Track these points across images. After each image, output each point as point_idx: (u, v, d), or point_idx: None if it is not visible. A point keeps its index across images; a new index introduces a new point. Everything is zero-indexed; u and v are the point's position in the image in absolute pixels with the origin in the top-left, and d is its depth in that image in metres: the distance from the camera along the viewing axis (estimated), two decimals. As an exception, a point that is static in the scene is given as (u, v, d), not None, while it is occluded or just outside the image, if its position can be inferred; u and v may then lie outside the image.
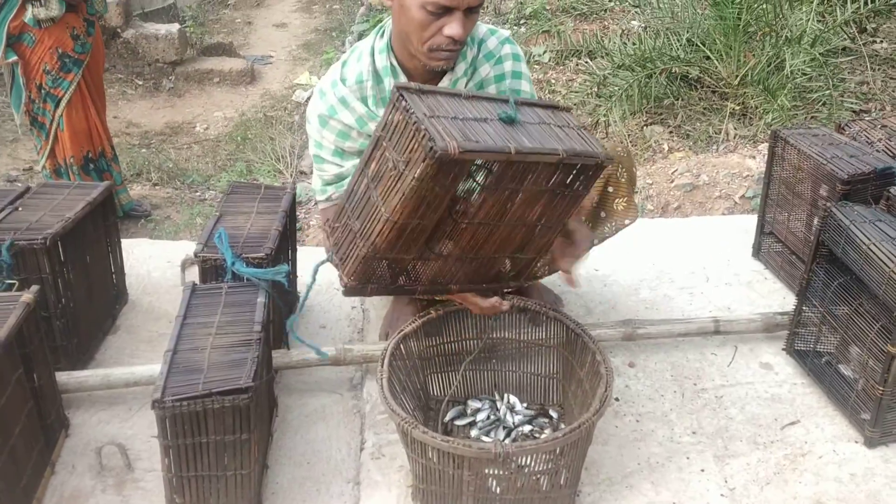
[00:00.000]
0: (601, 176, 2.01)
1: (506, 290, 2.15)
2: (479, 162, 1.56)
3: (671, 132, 5.09)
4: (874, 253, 1.84)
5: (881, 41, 6.04)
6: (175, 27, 6.77)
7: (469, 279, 1.78)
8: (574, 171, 1.61)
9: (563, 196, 1.65)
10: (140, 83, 6.58)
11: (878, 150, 2.32)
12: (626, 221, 2.13)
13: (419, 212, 1.51)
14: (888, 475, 1.86)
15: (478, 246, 1.68)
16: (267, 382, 1.92)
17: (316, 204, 2.19)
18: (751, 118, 5.10)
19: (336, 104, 1.97)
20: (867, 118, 2.63)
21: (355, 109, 1.95)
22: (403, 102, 1.46)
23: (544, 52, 6.13)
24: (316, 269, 1.76)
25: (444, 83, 1.96)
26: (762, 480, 1.85)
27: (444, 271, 1.72)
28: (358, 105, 1.95)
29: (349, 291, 1.66)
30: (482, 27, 2.04)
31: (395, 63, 1.94)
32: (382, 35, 1.97)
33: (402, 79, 1.94)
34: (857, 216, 1.97)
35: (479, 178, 1.58)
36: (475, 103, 1.57)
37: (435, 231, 1.61)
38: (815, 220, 2.09)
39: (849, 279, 1.98)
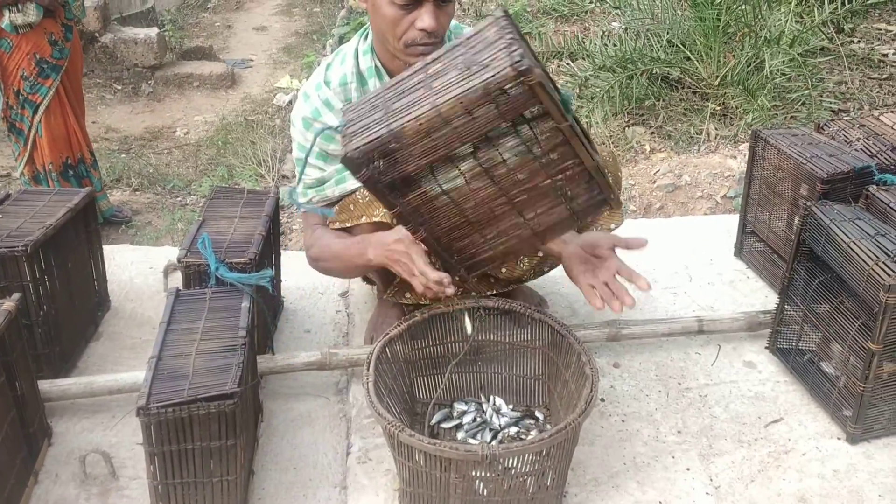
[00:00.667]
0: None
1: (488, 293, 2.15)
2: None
3: (653, 133, 5.12)
4: (854, 251, 1.86)
5: (858, 41, 6.10)
6: (154, 31, 6.73)
7: (438, 235, 1.72)
8: (586, 187, 1.63)
9: (571, 212, 1.67)
10: (119, 88, 6.54)
11: (856, 150, 2.34)
12: (612, 226, 2.14)
13: (462, 121, 1.47)
14: (870, 471, 1.88)
15: (469, 204, 1.64)
16: (252, 388, 1.91)
17: (298, 208, 2.18)
18: (731, 118, 5.14)
19: (320, 107, 1.97)
20: (846, 118, 2.65)
21: (340, 112, 1.95)
22: (504, 21, 1.46)
23: (525, 53, 6.14)
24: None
25: None
26: (747, 478, 1.87)
27: (424, 212, 1.66)
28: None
29: (347, 161, 1.55)
30: (467, 30, 2.04)
31: (378, 65, 1.94)
32: (366, 37, 1.97)
33: (386, 80, 1.95)
34: (836, 215, 1.99)
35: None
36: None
37: (448, 161, 1.56)
38: (796, 220, 2.11)
39: (829, 277, 2.00)
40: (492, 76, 1.40)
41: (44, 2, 3.67)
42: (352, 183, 1.98)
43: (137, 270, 2.68)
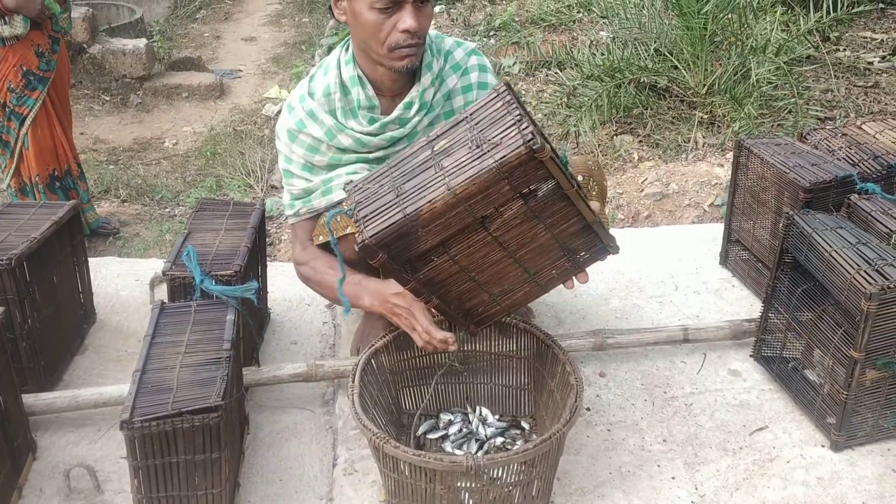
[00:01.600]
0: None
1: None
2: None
3: (641, 141, 5.14)
4: (836, 260, 1.87)
5: (844, 49, 6.15)
6: (142, 42, 6.72)
7: (449, 300, 1.78)
8: (586, 243, 1.69)
9: (565, 262, 1.72)
10: (107, 99, 6.52)
11: (839, 159, 2.36)
12: None
13: (476, 198, 1.52)
14: (854, 478, 1.89)
15: (482, 268, 1.70)
16: (237, 400, 1.91)
17: (286, 219, 2.18)
18: (719, 126, 5.16)
19: (305, 118, 1.98)
20: (829, 127, 2.67)
21: (324, 122, 1.97)
22: (509, 96, 1.51)
23: (514, 63, 6.17)
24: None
25: (413, 93, 1.98)
26: (731, 486, 1.87)
27: (438, 279, 1.71)
28: (326, 117, 1.97)
29: (364, 249, 1.59)
30: (448, 40, 2.06)
31: (360, 74, 1.96)
32: (347, 48, 1.99)
33: (369, 89, 1.97)
34: (818, 224, 2.01)
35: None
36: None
37: (458, 234, 1.60)
38: (780, 228, 2.12)
39: (812, 286, 2.02)
40: (505, 156, 1.44)
41: (31, 14, 3.66)
42: (338, 194, 1.99)
43: (123, 283, 2.67)
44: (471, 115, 1.56)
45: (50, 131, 3.91)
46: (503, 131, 1.47)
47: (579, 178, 2.06)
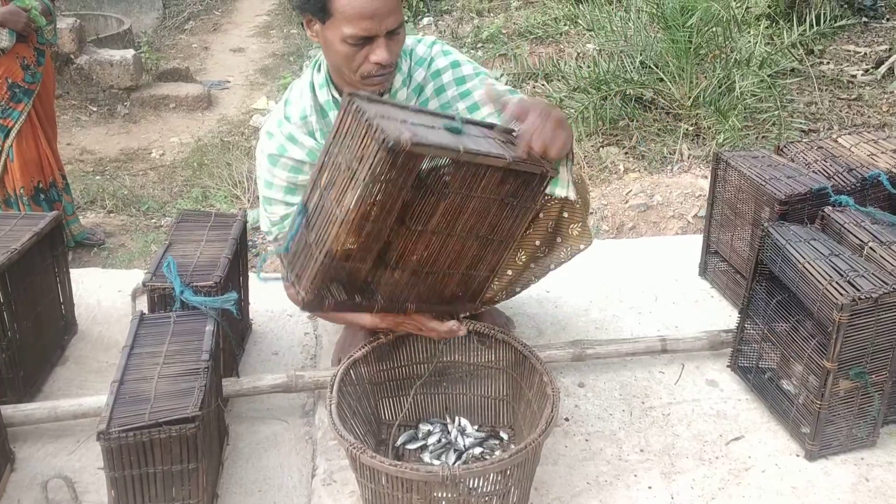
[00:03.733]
0: (556, 201, 2.06)
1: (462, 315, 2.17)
2: (426, 164, 1.57)
3: (626, 153, 5.17)
4: (808, 271, 1.90)
5: (828, 62, 6.22)
6: (130, 53, 6.73)
7: (425, 298, 1.78)
8: (521, 182, 1.63)
9: (513, 207, 1.68)
10: (94, 109, 6.53)
11: (814, 172, 2.39)
12: (581, 246, 2.16)
13: (373, 213, 1.52)
14: (828, 487, 1.91)
15: (431, 259, 1.69)
16: (216, 411, 1.91)
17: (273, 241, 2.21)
18: (704, 138, 5.20)
19: (285, 142, 2.00)
20: (805, 140, 2.70)
21: (304, 144, 1.98)
22: (354, 105, 1.49)
23: (501, 74, 6.20)
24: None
25: (384, 95, 1.99)
26: (707, 496, 1.89)
27: (400, 288, 1.72)
28: (306, 139, 1.98)
29: (307, 306, 1.64)
30: (409, 39, 2.08)
31: (336, 96, 1.97)
32: (319, 69, 2.00)
33: None
34: (792, 235, 2.03)
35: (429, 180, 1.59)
36: (422, 115, 1.60)
37: (389, 244, 1.61)
38: (755, 240, 2.15)
39: (787, 297, 2.04)
40: (371, 166, 1.44)
41: (17, 27, 3.67)
42: None
43: (105, 294, 2.67)
44: (333, 138, 1.55)
45: (35, 143, 3.92)
46: (361, 143, 1.46)
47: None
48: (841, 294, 1.80)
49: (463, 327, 1.89)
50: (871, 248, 1.99)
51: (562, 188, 1.94)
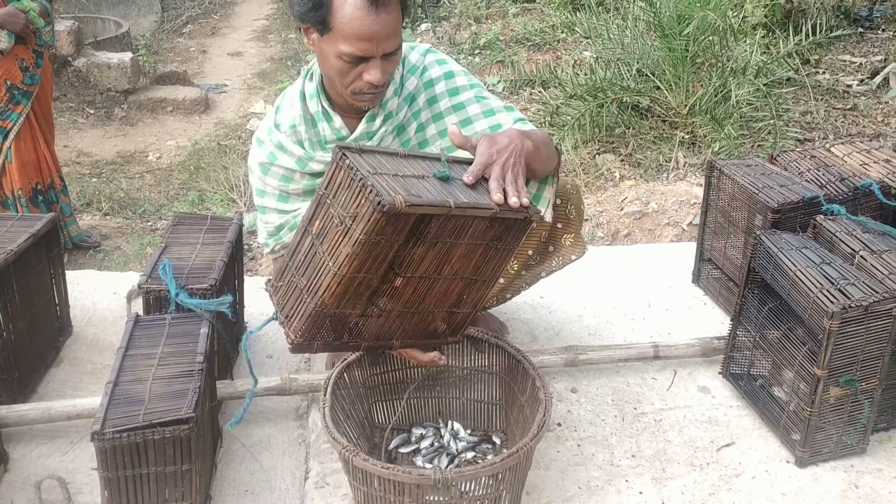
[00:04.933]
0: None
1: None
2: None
3: (622, 160, 5.19)
4: (800, 279, 1.91)
5: (823, 72, 6.24)
6: (128, 56, 6.75)
7: (409, 334, 1.81)
8: (505, 226, 1.65)
9: (497, 250, 1.70)
10: (91, 112, 6.54)
11: (807, 181, 2.41)
12: (573, 257, 2.16)
13: (365, 266, 1.55)
14: (818, 493, 1.92)
15: (418, 300, 1.72)
16: (210, 413, 1.92)
17: (270, 253, 2.22)
18: (700, 146, 5.23)
19: (275, 150, 2.01)
20: (798, 149, 2.72)
21: (293, 153, 2.00)
22: (347, 161, 1.50)
23: (498, 81, 6.23)
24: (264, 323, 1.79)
25: (376, 108, 2.00)
26: (698, 501, 1.90)
27: (386, 327, 1.75)
28: (295, 148, 2.00)
29: (296, 349, 1.68)
30: (416, 50, 2.09)
31: (326, 106, 1.98)
32: (311, 78, 2.01)
33: (336, 121, 1.99)
34: (784, 243, 2.05)
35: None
36: (411, 161, 1.62)
37: (378, 287, 1.64)
38: (747, 247, 2.16)
39: (779, 304, 2.05)
40: (365, 226, 1.46)
41: (16, 29, 3.69)
42: None
43: (101, 296, 2.68)
44: (326, 189, 1.57)
45: (33, 145, 3.93)
46: (355, 200, 1.47)
47: (557, 201, 2.08)
48: (831, 302, 1.82)
49: (443, 358, 1.90)
50: (862, 256, 2.00)
51: (541, 206, 1.95)
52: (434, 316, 1.82)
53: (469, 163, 1.67)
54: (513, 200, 1.60)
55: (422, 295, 1.71)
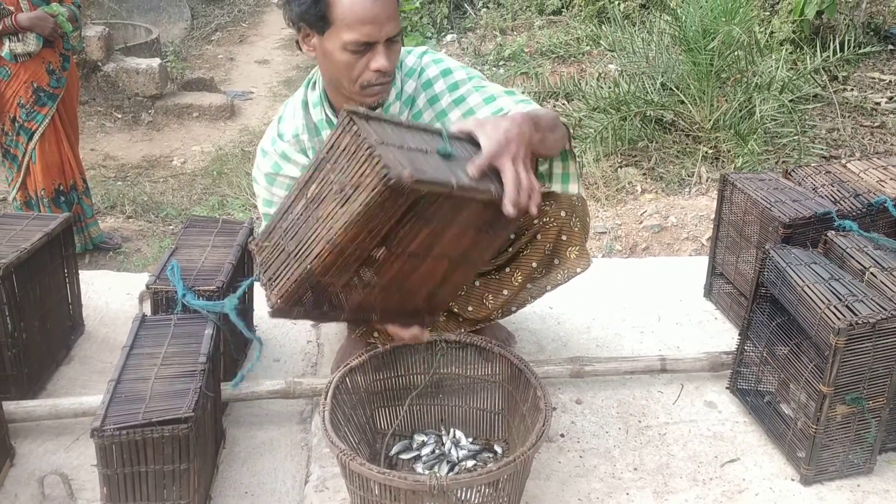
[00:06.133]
0: (555, 224, 2.06)
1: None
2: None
3: (644, 174, 5.17)
4: (807, 294, 1.89)
5: (852, 89, 6.18)
6: (156, 62, 6.84)
7: (390, 310, 1.79)
8: (499, 211, 1.62)
9: (487, 234, 1.69)
10: (119, 116, 6.63)
11: (821, 196, 2.38)
12: (578, 269, 2.15)
13: (359, 237, 1.52)
14: (822, 513, 1.89)
15: (404, 277, 1.70)
16: (212, 413, 1.94)
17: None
18: (723, 161, 5.19)
19: (279, 160, 2.03)
20: (813, 165, 2.69)
21: (297, 161, 2.01)
22: (354, 127, 1.47)
23: (522, 92, 6.22)
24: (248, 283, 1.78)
25: (378, 109, 2.01)
26: (699, 517, 1.88)
27: (368, 300, 1.73)
28: (299, 157, 2.01)
29: (276, 313, 1.64)
30: (413, 53, 2.10)
31: (329, 114, 2.00)
32: (313, 87, 2.03)
33: None
34: (793, 259, 2.03)
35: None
36: (415, 133, 1.59)
37: (365, 261, 1.62)
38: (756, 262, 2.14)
39: (787, 320, 2.03)
40: (367, 197, 1.43)
41: (44, 32, 3.76)
42: None
43: (114, 296, 2.72)
44: (327, 153, 1.53)
45: (57, 147, 4.00)
46: (359, 169, 1.44)
47: (562, 213, 2.07)
48: (838, 318, 1.79)
49: (426, 334, 1.89)
50: (872, 273, 1.98)
51: (572, 183, 1.96)
52: (416, 294, 1.79)
53: (471, 143, 1.64)
54: (533, 211, 1.60)
55: (408, 272, 1.69)
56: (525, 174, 1.61)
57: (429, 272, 1.73)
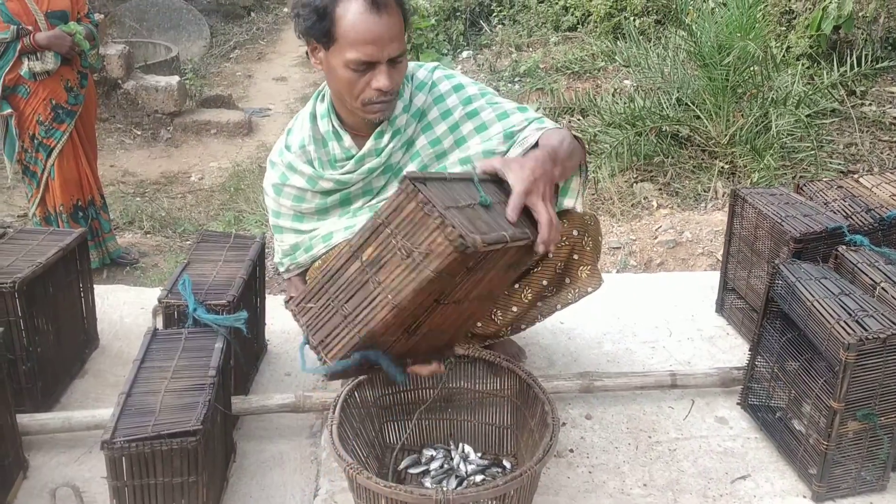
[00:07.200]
0: (567, 243, 2.07)
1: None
2: None
3: (660, 189, 5.16)
4: (817, 309, 1.88)
5: (869, 104, 6.14)
6: (175, 79, 6.93)
7: (420, 352, 1.81)
8: (526, 250, 1.66)
9: (514, 269, 1.73)
10: (138, 133, 6.72)
11: (832, 211, 2.37)
12: (589, 289, 2.15)
13: (423, 298, 1.54)
14: (833, 531, 1.88)
15: (443, 322, 1.72)
16: (222, 427, 1.95)
17: (280, 274, 2.25)
18: (739, 177, 5.17)
19: (286, 171, 2.06)
20: (825, 179, 2.68)
21: (304, 172, 2.04)
22: (420, 195, 1.47)
23: (537, 108, 6.25)
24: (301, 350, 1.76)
25: (384, 124, 2.02)
26: (708, 534, 1.87)
27: (408, 348, 1.75)
28: (305, 167, 2.04)
29: (333, 376, 1.67)
30: (410, 64, 2.11)
31: (337, 126, 2.02)
32: (322, 99, 2.05)
33: (346, 140, 2.03)
34: (803, 274, 2.02)
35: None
36: (455, 186, 1.58)
37: (419, 315, 1.64)
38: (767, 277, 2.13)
39: (797, 335, 2.02)
40: (440, 263, 1.44)
41: (62, 50, 3.82)
42: (319, 249, 2.05)
43: (129, 310, 2.74)
44: (387, 218, 1.52)
45: (76, 163, 4.06)
46: (429, 236, 1.45)
47: (574, 232, 2.08)
48: (848, 333, 1.78)
49: (443, 367, 1.89)
50: (883, 288, 1.97)
51: (570, 198, 1.96)
52: (446, 334, 1.82)
53: (496, 184, 1.66)
54: (553, 249, 1.65)
55: (448, 317, 1.72)
56: (553, 212, 1.64)
57: (461, 313, 1.75)
